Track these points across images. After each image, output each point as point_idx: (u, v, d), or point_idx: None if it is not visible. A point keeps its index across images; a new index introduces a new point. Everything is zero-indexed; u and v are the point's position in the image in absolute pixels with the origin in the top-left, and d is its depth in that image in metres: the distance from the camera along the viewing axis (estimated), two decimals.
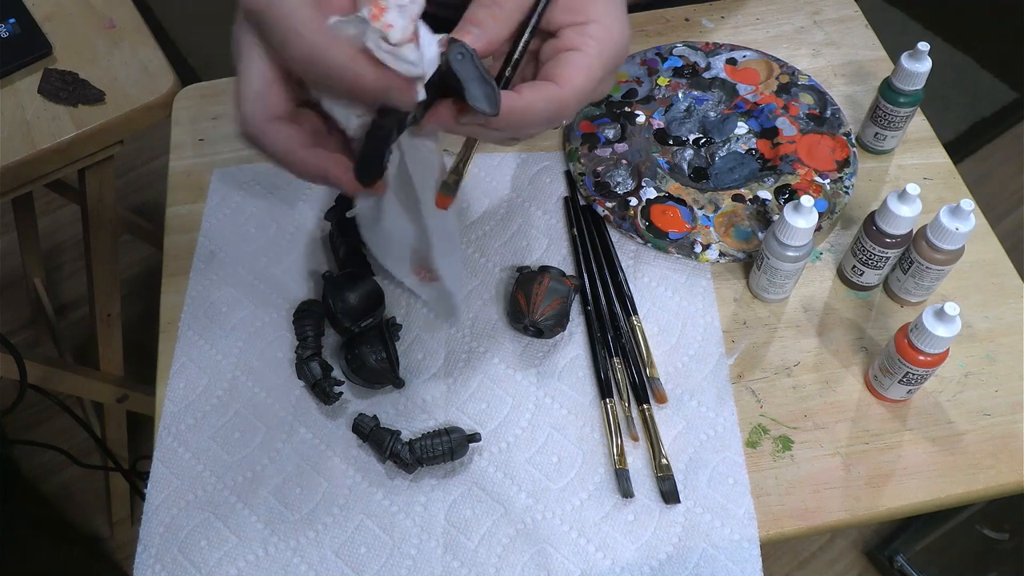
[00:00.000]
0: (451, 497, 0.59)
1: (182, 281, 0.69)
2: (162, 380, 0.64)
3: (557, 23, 0.49)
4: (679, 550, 0.56)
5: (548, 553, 0.57)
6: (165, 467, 0.61)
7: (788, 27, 0.83)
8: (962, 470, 0.59)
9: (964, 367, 0.64)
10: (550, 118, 0.47)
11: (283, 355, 0.65)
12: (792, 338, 0.65)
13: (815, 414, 0.62)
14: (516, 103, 0.45)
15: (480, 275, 0.69)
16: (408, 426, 0.62)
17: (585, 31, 0.48)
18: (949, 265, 0.62)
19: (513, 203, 0.73)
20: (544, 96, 0.46)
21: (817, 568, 1.42)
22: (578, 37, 0.48)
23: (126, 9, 0.98)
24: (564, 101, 0.47)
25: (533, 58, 0.50)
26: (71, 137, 0.88)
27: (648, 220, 0.69)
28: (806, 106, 0.75)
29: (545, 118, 0.47)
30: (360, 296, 0.64)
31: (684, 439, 0.61)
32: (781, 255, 0.62)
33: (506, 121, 0.45)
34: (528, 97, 0.46)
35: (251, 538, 0.58)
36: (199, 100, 0.80)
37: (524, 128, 0.47)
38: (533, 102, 0.46)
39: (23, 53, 0.91)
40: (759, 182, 0.71)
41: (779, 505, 0.58)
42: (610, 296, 0.67)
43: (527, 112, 0.46)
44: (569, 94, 0.47)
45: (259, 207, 0.73)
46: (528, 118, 0.46)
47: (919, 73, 0.67)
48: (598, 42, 0.48)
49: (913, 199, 0.60)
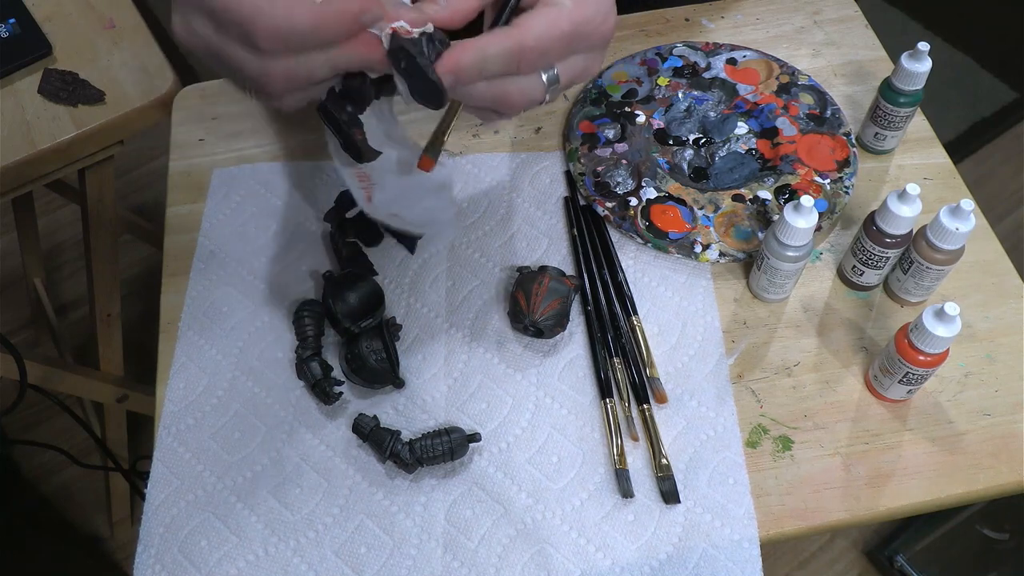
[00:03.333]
0: (451, 497, 0.59)
1: (182, 281, 0.69)
2: (162, 380, 0.64)
3: None
4: (679, 550, 0.57)
5: (548, 553, 0.57)
6: (165, 467, 0.61)
7: (788, 27, 0.83)
8: (962, 470, 0.59)
9: (964, 367, 0.64)
10: (505, 68, 0.45)
11: (283, 355, 0.65)
12: (792, 338, 0.65)
13: (815, 414, 0.62)
14: (465, 52, 0.44)
15: (480, 275, 0.69)
16: (408, 426, 0.62)
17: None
18: (949, 265, 0.62)
19: (513, 203, 0.73)
20: (493, 41, 0.44)
21: (817, 568, 1.42)
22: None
23: (126, 9, 0.98)
24: (520, 48, 0.44)
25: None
26: (71, 137, 0.88)
27: (648, 220, 0.69)
28: (806, 106, 0.75)
29: (500, 68, 0.45)
30: (360, 296, 0.64)
31: (684, 439, 0.61)
32: (781, 255, 0.62)
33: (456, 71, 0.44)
34: (476, 44, 0.44)
35: (251, 538, 0.58)
36: (199, 100, 0.80)
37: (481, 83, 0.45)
38: (483, 47, 0.44)
39: (23, 53, 0.91)
40: (759, 182, 0.71)
41: (779, 505, 0.58)
42: (610, 296, 0.67)
43: (477, 62, 0.44)
44: (524, 39, 0.44)
45: (259, 207, 0.73)
46: (480, 67, 0.44)
47: (919, 73, 0.67)
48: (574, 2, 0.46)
49: (913, 199, 0.60)
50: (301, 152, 0.76)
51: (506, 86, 0.47)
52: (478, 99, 0.47)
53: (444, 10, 0.44)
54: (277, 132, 0.78)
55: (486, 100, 0.47)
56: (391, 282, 0.68)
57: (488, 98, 0.47)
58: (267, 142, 0.77)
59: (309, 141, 0.77)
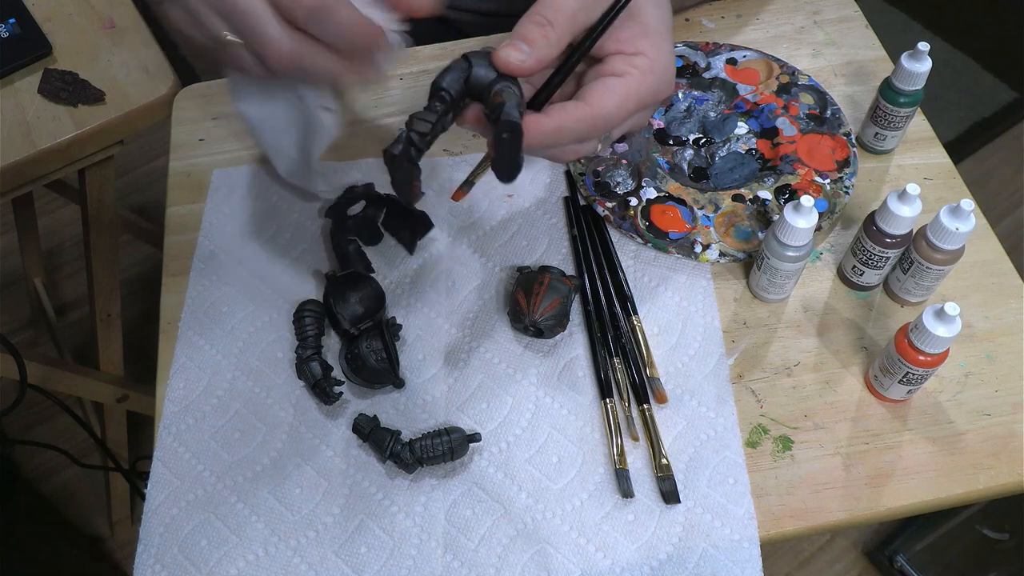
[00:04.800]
0: (451, 497, 0.59)
1: (182, 281, 0.69)
2: (162, 380, 0.64)
3: (606, 50, 0.50)
4: (679, 550, 0.57)
5: (548, 553, 0.57)
6: (165, 467, 0.61)
7: (788, 27, 0.83)
8: (962, 470, 0.59)
9: (964, 367, 0.64)
10: (578, 138, 0.48)
11: (283, 355, 0.65)
12: (792, 338, 0.65)
13: (815, 414, 0.62)
14: (544, 125, 0.46)
15: (480, 275, 0.69)
16: (408, 426, 0.62)
17: (631, 61, 0.49)
18: (949, 265, 0.62)
19: (513, 203, 0.73)
20: (573, 116, 0.47)
21: (817, 568, 1.42)
22: (622, 65, 0.49)
23: (126, 9, 0.98)
24: (593, 122, 0.47)
25: (576, 78, 0.51)
26: (71, 137, 0.88)
27: (648, 220, 0.69)
28: (806, 106, 0.75)
29: (573, 138, 0.48)
30: (361, 296, 0.64)
31: (684, 439, 0.61)
32: (781, 255, 0.62)
33: (534, 142, 0.46)
34: (556, 118, 0.47)
35: (251, 538, 0.58)
36: (199, 100, 0.80)
37: (552, 148, 0.48)
38: (562, 122, 0.47)
39: (23, 53, 0.92)
40: (759, 182, 0.71)
41: (779, 505, 0.58)
42: (610, 296, 0.67)
43: (555, 133, 0.47)
44: (598, 115, 0.47)
45: (259, 207, 0.73)
46: (556, 138, 0.47)
47: (919, 73, 0.67)
48: (641, 73, 0.49)
49: (913, 199, 0.60)
50: None
51: (567, 147, 0.50)
52: (537, 155, 0.50)
53: (529, 58, 0.47)
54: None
55: (543, 156, 0.51)
56: (391, 282, 0.68)
57: (547, 156, 0.51)
58: None
59: None
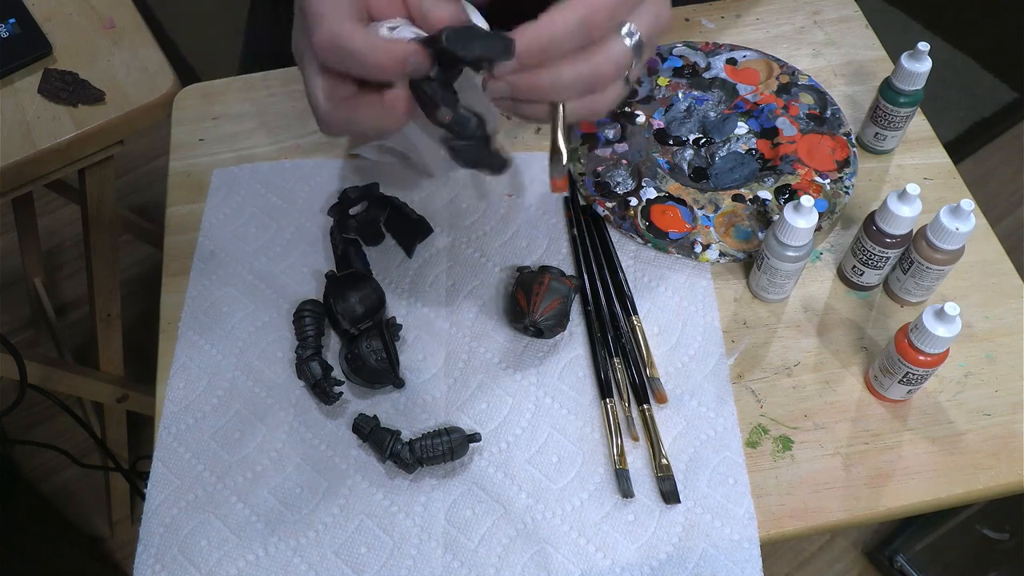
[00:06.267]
0: (451, 497, 0.59)
1: (182, 281, 0.69)
2: (162, 380, 0.64)
3: None
4: (679, 550, 0.57)
5: (548, 553, 0.57)
6: (165, 467, 0.61)
7: (788, 27, 0.83)
8: (962, 470, 0.59)
9: (964, 367, 0.64)
10: (580, 33, 0.44)
11: (283, 355, 0.65)
12: (792, 338, 0.65)
13: (815, 414, 0.62)
14: (533, 27, 0.43)
15: (480, 275, 0.69)
16: (408, 426, 0.62)
17: None
18: (949, 265, 0.62)
19: (513, 203, 0.73)
20: (562, 13, 0.44)
21: (817, 568, 1.42)
22: None
23: (126, 9, 0.98)
24: (592, 7, 0.44)
25: None
26: (71, 137, 0.88)
27: (648, 220, 0.69)
28: (806, 106, 0.75)
29: (573, 33, 0.44)
30: (361, 296, 0.64)
31: (684, 439, 0.61)
32: (781, 255, 0.62)
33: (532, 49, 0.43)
34: (546, 17, 0.43)
35: (251, 538, 0.58)
36: (199, 100, 0.80)
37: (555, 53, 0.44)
38: (553, 18, 0.43)
39: (23, 53, 0.92)
40: (759, 182, 0.71)
41: (779, 505, 0.58)
42: (610, 296, 0.67)
43: (549, 31, 0.43)
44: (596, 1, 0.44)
45: (259, 207, 0.73)
46: (555, 38, 0.44)
47: (919, 73, 0.67)
48: None
49: (913, 199, 0.60)
50: (301, 151, 0.76)
51: (590, 58, 0.46)
52: (570, 84, 0.46)
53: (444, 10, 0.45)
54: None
55: (580, 82, 0.46)
56: (391, 282, 0.68)
57: (581, 79, 0.46)
58: (267, 142, 0.77)
59: (309, 140, 0.77)
